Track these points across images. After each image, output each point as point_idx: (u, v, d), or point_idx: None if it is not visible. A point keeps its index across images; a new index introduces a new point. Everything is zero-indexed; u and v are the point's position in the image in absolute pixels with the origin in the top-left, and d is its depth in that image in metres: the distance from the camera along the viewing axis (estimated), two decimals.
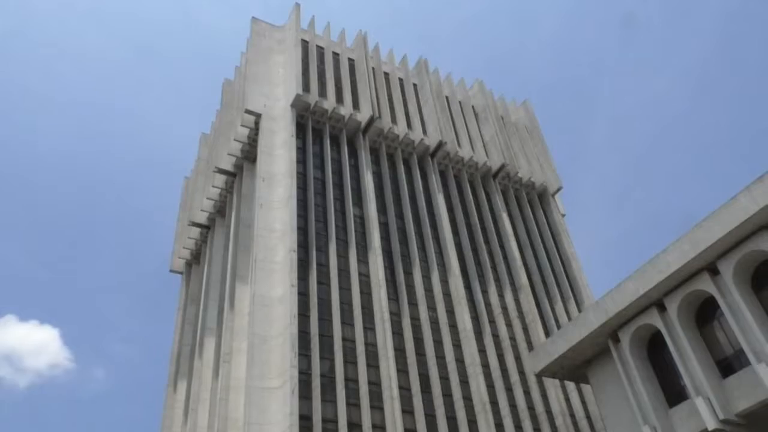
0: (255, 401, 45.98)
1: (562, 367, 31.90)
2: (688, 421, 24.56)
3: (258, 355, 48.45)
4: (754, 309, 23.49)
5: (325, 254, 56.71)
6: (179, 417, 62.84)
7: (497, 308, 62.13)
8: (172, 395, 65.79)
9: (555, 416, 56.31)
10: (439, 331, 56.76)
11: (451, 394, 52.72)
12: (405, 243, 62.48)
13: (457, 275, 61.12)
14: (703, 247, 24.29)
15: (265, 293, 52.27)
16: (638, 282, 26.98)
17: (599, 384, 30.43)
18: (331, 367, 49.50)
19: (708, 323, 26.15)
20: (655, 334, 27.58)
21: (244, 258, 58.83)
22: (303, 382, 47.14)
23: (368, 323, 53.73)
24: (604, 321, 28.39)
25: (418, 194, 67.27)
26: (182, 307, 75.57)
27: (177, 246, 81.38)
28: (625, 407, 27.69)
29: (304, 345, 49.36)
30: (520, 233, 72.65)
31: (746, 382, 23.04)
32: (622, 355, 28.23)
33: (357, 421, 47.41)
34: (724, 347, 25.23)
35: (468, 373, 54.65)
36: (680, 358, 25.47)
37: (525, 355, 58.39)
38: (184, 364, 67.19)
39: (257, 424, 44.89)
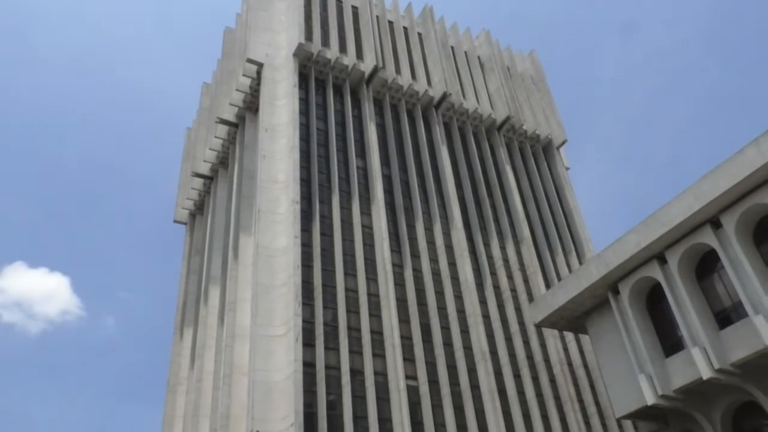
0: (260, 348, 47.03)
1: (562, 318, 32.44)
2: (684, 370, 25.10)
3: (262, 304, 49.25)
4: (754, 262, 23.69)
5: (328, 206, 56.91)
6: (186, 363, 64.37)
7: (499, 260, 62.69)
8: (179, 342, 67.22)
9: (553, 365, 57.56)
10: (440, 282, 57.48)
11: (452, 344, 53.80)
12: (408, 196, 62.56)
13: (459, 228, 61.44)
14: (707, 200, 24.31)
15: (269, 244, 52.73)
16: (640, 235, 27.12)
17: (597, 334, 30.98)
18: (334, 316, 50.39)
19: (707, 276, 26.42)
20: (654, 286, 27.91)
21: (248, 209, 59.08)
22: (306, 330, 48.09)
23: (371, 274, 54.38)
24: (604, 273, 28.70)
25: (421, 146, 66.92)
26: (187, 257, 76.37)
27: (180, 197, 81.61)
28: (622, 357, 28.26)
29: (308, 295, 50.11)
30: (524, 186, 72.58)
31: (743, 333, 23.44)
32: (621, 307, 28.64)
33: (359, 368, 48.58)
34: (722, 299, 25.57)
35: (468, 323, 55.62)
36: (678, 309, 25.84)
37: (525, 306, 59.26)
38: (189, 313, 68.37)
39: (262, 370, 46.03)
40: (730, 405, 25.62)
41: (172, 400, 62.83)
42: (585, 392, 57.87)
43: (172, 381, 64.38)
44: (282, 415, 44.43)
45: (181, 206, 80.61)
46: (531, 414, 53.27)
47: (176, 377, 64.19)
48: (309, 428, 43.85)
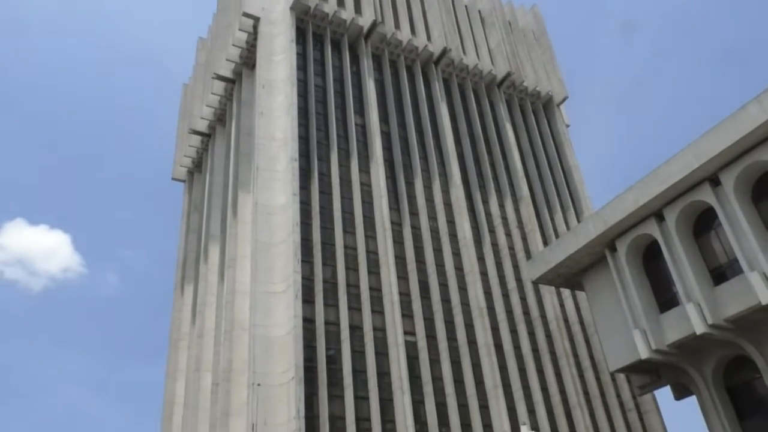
0: (260, 304, 47.61)
1: (559, 275, 32.66)
2: (678, 326, 25.46)
3: (262, 261, 49.60)
4: (751, 219, 23.76)
5: (327, 163, 56.70)
6: (187, 319, 65.26)
7: (497, 218, 62.89)
8: (180, 299, 67.96)
9: (549, 321, 58.44)
10: (439, 239, 57.79)
11: (450, 300, 54.47)
12: (407, 153, 62.27)
13: (458, 185, 61.39)
14: (706, 157, 24.20)
15: (267, 202, 52.76)
16: (639, 192, 27.09)
17: (594, 291, 31.29)
18: (333, 273, 50.83)
19: (704, 233, 26.52)
20: (651, 243, 28.04)
21: (246, 166, 58.87)
22: (306, 287, 48.59)
23: (369, 232, 54.62)
24: (602, 231, 28.76)
25: (421, 103, 66.24)
26: (186, 214, 76.48)
27: (178, 154, 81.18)
28: (617, 312, 28.61)
29: (307, 252, 50.43)
30: (523, 143, 72.21)
31: (737, 289, 23.69)
32: (617, 264, 28.84)
33: (358, 324, 49.31)
34: (718, 256, 25.75)
35: (466, 280, 56.17)
36: (674, 266, 26.04)
37: (523, 263, 59.76)
38: (190, 270, 68.90)
39: (262, 326, 46.71)
40: (722, 359, 26.10)
41: (174, 355, 63.95)
42: (580, 347, 58.94)
43: (174, 336, 65.40)
44: (282, 369, 45.30)
45: (179, 164, 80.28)
46: (526, 368, 54.36)
47: (178, 333, 65.17)
48: (309, 382, 44.79)
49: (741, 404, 26.00)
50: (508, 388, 51.90)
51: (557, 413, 53.15)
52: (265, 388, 44.35)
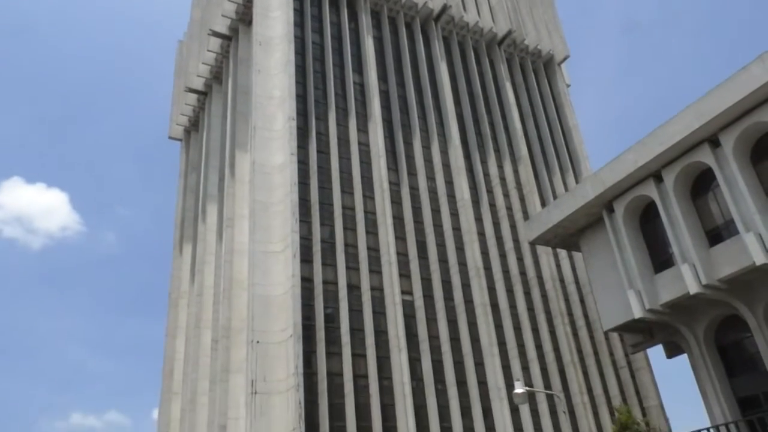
0: (258, 264, 47.94)
1: (556, 236, 32.89)
2: (672, 286, 25.78)
3: (260, 220, 49.71)
4: (749, 180, 23.78)
5: (325, 123, 56.26)
6: (186, 277, 65.75)
7: (495, 179, 62.81)
8: (179, 258, 68.34)
9: (545, 281, 59.01)
10: (437, 200, 57.84)
11: (447, 260, 54.86)
12: (406, 112, 61.74)
13: (457, 146, 61.09)
14: (707, 118, 24.06)
15: (265, 161, 52.54)
16: (638, 153, 27.04)
17: (590, 251, 31.55)
18: (331, 233, 51.02)
19: (702, 195, 26.59)
20: (648, 204, 28.13)
21: (243, 125, 58.40)
22: (304, 246, 48.85)
23: (368, 192, 54.60)
24: (600, 192, 28.84)
25: (420, 62, 65.32)
26: (183, 174, 76.21)
27: (174, 112, 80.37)
28: (612, 273, 28.91)
29: (305, 212, 50.51)
30: (523, 103, 71.52)
31: (732, 250, 23.90)
32: (614, 225, 29.00)
33: (356, 284, 49.77)
34: (715, 217, 25.88)
35: (464, 240, 56.46)
36: (671, 227, 26.19)
37: (520, 224, 59.99)
38: (188, 229, 69.08)
39: (261, 285, 47.13)
40: (714, 319, 26.51)
41: (174, 313, 64.68)
42: (575, 307, 59.70)
43: (174, 295, 66.00)
44: (281, 327, 45.92)
45: (175, 122, 79.55)
46: (522, 327, 55.18)
47: (177, 291, 65.75)
48: (307, 339, 45.47)
49: (731, 362, 26.53)
50: (503, 346, 52.79)
51: (551, 370, 54.19)
52: (264, 345, 45.05)
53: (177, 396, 58.63)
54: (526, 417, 50.29)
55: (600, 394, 55.80)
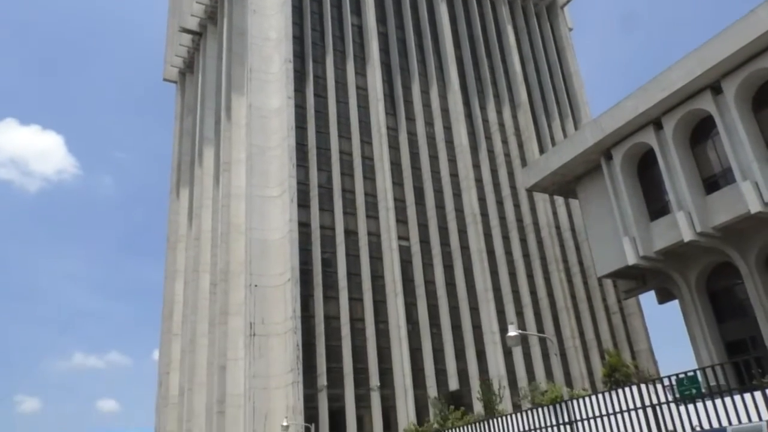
0: (255, 208, 48.05)
1: (553, 183, 32.89)
2: (667, 233, 25.96)
3: (257, 165, 49.52)
4: (749, 128, 23.61)
5: (322, 65, 55.25)
6: (184, 221, 65.90)
7: (494, 125, 62.26)
8: (176, 201, 68.29)
9: (541, 228, 59.39)
10: (435, 146, 57.49)
11: (444, 206, 55.01)
12: (404, 56, 60.57)
13: (456, 90, 60.25)
14: (710, 64, 23.67)
15: (262, 104, 51.88)
16: (639, 100, 26.73)
17: (587, 198, 31.62)
18: (329, 178, 50.92)
19: (701, 143, 26.45)
20: (647, 152, 28.00)
21: (239, 68, 57.26)
22: (301, 191, 48.85)
23: (365, 137, 54.17)
24: (599, 139, 28.65)
25: (419, 4, 63.58)
26: (179, 117, 75.26)
27: (168, 53, 78.63)
28: (609, 220, 29.06)
29: (302, 157, 50.26)
30: (524, 47, 70.10)
31: (728, 198, 23.96)
32: (612, 172, 28.96)
33: (353, 229, 50.04)
34: (712, 165, 25.83)
35: (461, 187, 56.46)
36: (668, 175, 26.16)
37: (518, 170, 59.84)
38: (185, 173, 68.76)
39: (258, 230, 47.37)
40: (706, 266, 26.85)
41: (172, 257, 65.15)
42: (570, 253, 60.30)
43: (172, 239, 66.31)
44: (279, 271, 46.42)
45: (170, 64, 77.93)
46: (517, 273, 55.88)
47: (175, 235, 66.02)
48: (305, 283, 46.05)
49: (720, 308, 27.04)
50: (498, 291, 53.59)
51: (544, 315, 55.22)
52: (261, 289, 45.66)
53: (177, 337, 59.78)
54: (518, 360, 51.57)
55: (592, 339, 57.06)
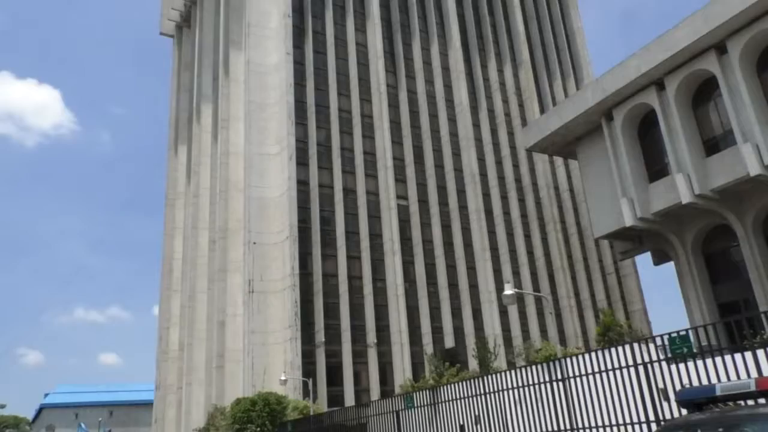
0: (254, 166, 47.92)
1: (553, 143, 32.67)
2: (665, 195, 25.96)
3: (255, 122, 49.16)
4: (753, 89, 23.36)
5: (321, 21, 54.24)
6: (182, 178, 65.74)
7: (495, 83, 61.58)
8: (174, 158, 67.98)
9: (540, 188, 59.42)
10: (435, 105, 56.99)
11: (443, 166, 54.89)
12: (405, 11, 59.42)
13: (457, 48, 59.34)
14: (717, 22, 23.24)
15: (260, 60, 51.17)
16: (641, 60, 26.34)
17: (586, 159, 31.49)
18: (328, 136, 50.61)
19: (703, 104, 26.20)
20: (648, 113, 27.77)
21: (237, 22, 56.21)
22: (300, 149, 48.63)
23: (365, 95, 53.62)
24: (600, 99, 28.34)
25: None
26: (176, 72, 74.16)
27: (165, 6, 76.98)
28: (607, 181, 29.02)
29: (301, 114, 49.84)
30: (527, 4, 68.74)
31: (728, 161, 23.88)
32: (612, 133, 28.77)
33: (352, 188, 50.03)
34: (714, 127, 25.65)
35: (461, 146, 56.23)
36: (669, 136, 26.00)
37: (518, 130, 59.52)
38: (183, 130, 68.24)
39: (257, 187, 47.35)
40: (703, 228, 26.95)
41: (171, 214, 65.23)
42: (568, 214, 60.50)
43: (170, 196, 66.26)
44: (277, 229, 46.60)
45: (166, 17, 76.39)
46: (514, 233, 56.18)
47: (174, 192, 65.96)
48: (303, 241, 46.29)
49: (715, 270, 27.27)
50: (495, 251, 53.96)
51: (540, 275, 55.77)
52: (260, 246, 45.92)
53: (176, 293, 60.39)
54: (514, 319, 52.32)
55: (587, 298, 57.79)
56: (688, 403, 5.74)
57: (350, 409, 20.86)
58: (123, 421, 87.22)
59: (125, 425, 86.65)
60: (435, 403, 15.31)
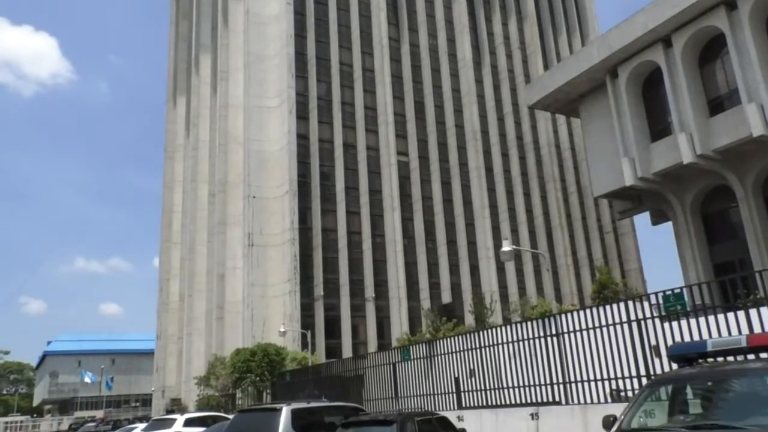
0: (254, 119, 47.49)
1: (556, 101, 32.30)
2: (667, 155, 25.82)
3: (255, 74, 48.47)
4: (760, 48, 22.95)
5: None
6: (181, 131, 65.24)
7: (499, 37, 60.46)
8: (173, 110, 67.29)
9: (541, 146, 59.08)
10: (437, 59, 56.09)
11: (444, 122, 54.43)
12: None
13: (461, 0, 58.03)
14: None
15: (260, 11, 50.10)
16: (649, 16, 25.80)
17: (589, 118, 31.19)
18: (328, 90, 50.00)
19: (709, 63, 25.80)
20: (653, 71, 27.36)
21: None
22: (300, 103, 48.11)
23: (366, 48, 52.71)
24: (606, 56, 27.88)
25: None
26: (174, 21, 72.59)
27: None
28: (609, 140, 28.81)
29: (301, 67, 49.10)
30: None
31: (732, 121, 23.66)
32: (616, 91, 28.41)
33: (352, 143, 49.71)
34: (719, 86, 25.31)
35: (463, 102, 55.62)
36: (673, 95, 25.67)
37: (521, 87, 58.77)
38: (181, 81, 67.28)
39: (256, 140, 47.04)
40: (703, 188, 26.91)
41: (170, 166, 64.96)
42: (568, 173, 60.34)
43: (169, 148, 65.86)
44: (277, 183, 46.53)
45: None
46: (514, 191, 56.14)
47: (173, 144, 65.54)
48: (303, 196, 46.29)
49: (712, 231, 27.37)
50: (494, 208, 54.04)
51: (539, 233, 56.02)
52: (260, 200, 45.94)
53: (176, 246, 60.71)
54: (511, 276, 52.79)
55: (584, 257, 58.19)
56: (679, 357, 5.84)
57: (348, 360, 21.26)
58: (125, 368, 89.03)
59: (127, 373, 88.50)
60: (431, 356, 15.59)
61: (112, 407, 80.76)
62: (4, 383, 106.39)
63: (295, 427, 10.42)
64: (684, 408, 5.23)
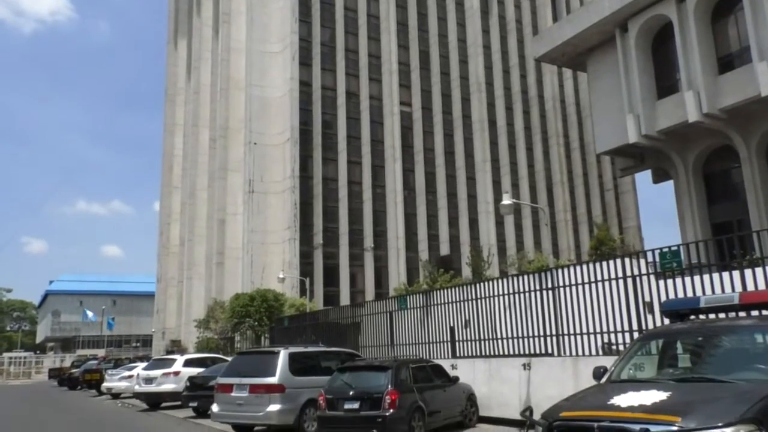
0: (255, 64, 46.76)
1: (564, 54, 31.65)
2: (672, 113, 25.52)
3: (258, 18, 47.45)
4: None
5: None
6: (183, 74, 64.30)
7: None
8: (174, 53, 66.15)
9: (546, 101, 58.39)
10: (444, 7, 54.82)
11: (449, 73, 53.61)
12: None
13: None
14: None
15: None
16: None
17: (596, 72, 30.68)
18: (332, 36, 49.05)
19: (722, 19, 25.20)
20: (663, 27, 26.78)
21: None
22: (303, 49, 47.27)
23: None
24: (617, 8, 27.19)
25: None
26: None
27: None
28: (615, 96, 28.42)
29: (305, 11, 48.02)
30: None
31: (740, 79, 23.27)
32: (625, 45, 27.85)
33: (355, 91, 49.10)
34: (731, 43, 24.80)
35: (468, 53, 54.65)
36: (683, 51, 25.18)
37: (528, 39, 57.63)
38: (182, 22, 65.89)
39: (258, 86, 46.44)
40: (706, 148, 26.72)
41: (171, 110, 64.35)
42: (572, 129, 59.84)
43: (170, 91, 65.06)
44: (278, 130, 46.20)
45: None
46: (517, 145, 55.80)
47: (174, 88, 64.71)
48: (304, 144, 46.04)
49: (712, 190, 27.34)
50: (496, 162, 53.85)
51: (539, 189, 55.99)
52: (261, 147, 45.70)
53: (177, 190, 60.76)
54: (509, 230, 53.06)
55: (583, 213, 58.36)
56: (672, 313, 5.93)
57: (345, 308, 21.57)
58: (125, 310, 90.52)
59: (128, 314, 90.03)
60: (427, 306, 15.83)
61: (113, 347, 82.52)
62: (7, 320, 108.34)
63: (293, 369, 10.70)
64: (673, 362, 5.35)
